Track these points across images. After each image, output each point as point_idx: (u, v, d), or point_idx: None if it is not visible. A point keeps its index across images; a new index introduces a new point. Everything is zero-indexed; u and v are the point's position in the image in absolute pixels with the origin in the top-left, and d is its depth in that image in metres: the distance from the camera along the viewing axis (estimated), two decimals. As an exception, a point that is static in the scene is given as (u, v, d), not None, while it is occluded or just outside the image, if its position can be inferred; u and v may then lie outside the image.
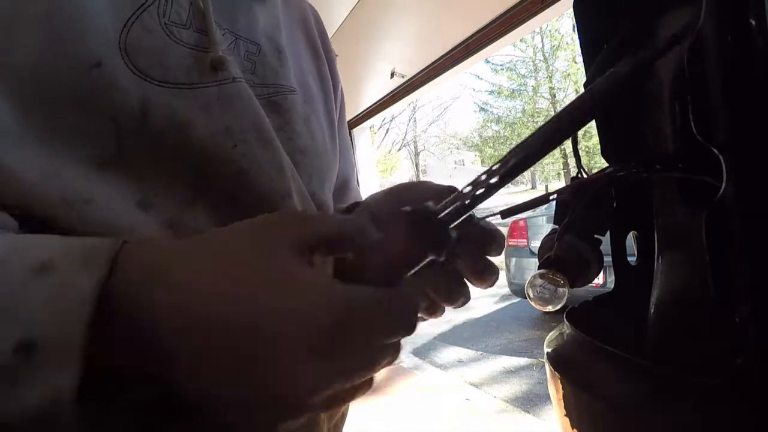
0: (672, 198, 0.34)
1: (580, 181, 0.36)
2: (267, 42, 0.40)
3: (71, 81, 0.27)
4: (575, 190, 0.36)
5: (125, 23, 0.29)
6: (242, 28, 0.38)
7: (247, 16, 0.38)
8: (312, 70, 0.48)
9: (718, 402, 0.25)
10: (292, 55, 0.44)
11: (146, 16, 0.30)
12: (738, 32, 0.24)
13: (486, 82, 18.40)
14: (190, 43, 0.32)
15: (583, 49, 0.40)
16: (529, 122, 17.15)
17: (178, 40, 0.31)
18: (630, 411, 0.28)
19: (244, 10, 0.38)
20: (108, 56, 0.28)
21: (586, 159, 12.21)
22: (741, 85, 0.25)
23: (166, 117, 0.30)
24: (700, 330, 0.31)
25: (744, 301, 0.24)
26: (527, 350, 3.95)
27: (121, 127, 0.28)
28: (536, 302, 0.38)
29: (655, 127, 0.34)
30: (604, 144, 0.40)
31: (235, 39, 0.37)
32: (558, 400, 0.34)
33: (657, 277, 0.36)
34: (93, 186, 0.27)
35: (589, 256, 0.38)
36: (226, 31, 0.36)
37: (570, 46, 15.28)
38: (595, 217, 0.39)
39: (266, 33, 0.40)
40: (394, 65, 2.66)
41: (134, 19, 0.29)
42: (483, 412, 2.67)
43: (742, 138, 0.24)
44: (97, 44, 0.27)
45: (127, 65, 0.29)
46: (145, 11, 0.30)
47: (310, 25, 0.50)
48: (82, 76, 0.27)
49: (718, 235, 0.25)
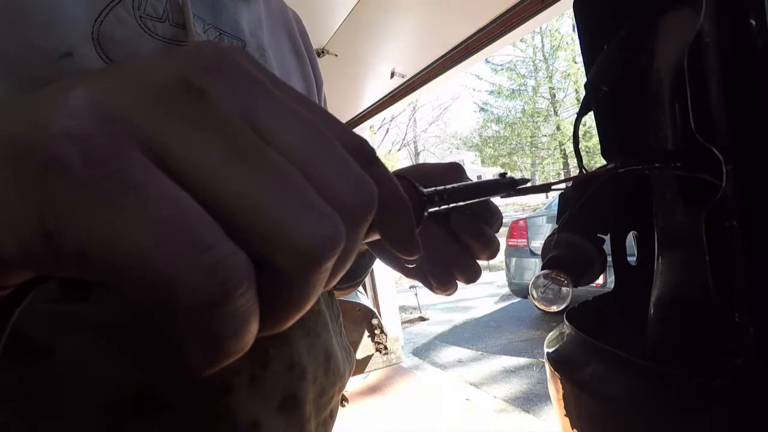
0: (672, 198, 0.34)
1: (583, 175, 0.36)
2: (251, 39, 0.40)
3: (41, 70, 0.27)
4: (579, 184, 0.36)
5: (99, 14, 0.29)
6: (226, 24, 0.38)
7: (232, 13, 0.38)
8: (296, 70, 0.48)
9: (718, 402, 0.25)
10: (276, 55, 0.44)
11: (120, 9, 0.30)
12: (738, 32, 0.24)
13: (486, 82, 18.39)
14: (166, 36, 0.32)
15: (583, 49, 0.40)
16: (529, 122, 17.16)
17: (153, 34, 0.31)
18: (630, 411, 0.28)
19: (229, 8, 0.38)
20: (79, 46, 0.28)
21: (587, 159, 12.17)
22: (741, 85, 0.25)
23: None
24: (700, 330, 0.31)
25: (744, 301, 0.24)
26: (527, 350, 3.95)
27: None
28: (540, 302, 0.38)
29: (655, 127, 0.34)
30: (604, 144, 0.40)
31: (219, 34, 0.37)
32: (558, 400, 0.34)
33: (657, 277, 0.36)
34: None
35: (592, 255, 0.38)
36: (210, 26, 0.36)
37: (570, 46, 15.28)
38: (597, 215, 0.39)
39: (250, 31, 0.40)
40: (394, 65, 2.65)
41: (108, 11, 0.30)
42: (483, 412, 2.67)
43: (742, 138, 0.24)
44: (67, 34, 0.28)
45: (100, 55, 0.29)
46: (120, 3, 0.30)
47: (291, 26, 0.50)
48: (52, 64, 0.27)
49: (718, 235, 0.25)
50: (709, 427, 0.25)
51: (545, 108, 17.08)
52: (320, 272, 0.14)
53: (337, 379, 0.43)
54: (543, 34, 16.33)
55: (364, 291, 3.56)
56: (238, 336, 0.13)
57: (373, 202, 0.16)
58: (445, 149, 23.61)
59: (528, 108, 17.26)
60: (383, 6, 2.10)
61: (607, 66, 0.37)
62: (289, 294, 0.14)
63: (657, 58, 0.34)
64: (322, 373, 0.41)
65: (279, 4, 0.50)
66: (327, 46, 2.44)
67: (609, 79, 0.37)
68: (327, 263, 0.14)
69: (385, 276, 3.66)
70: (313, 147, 0.15)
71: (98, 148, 0.12)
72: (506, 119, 18.03)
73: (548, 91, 16.94)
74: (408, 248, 0.21)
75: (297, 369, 0.37)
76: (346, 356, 0.47)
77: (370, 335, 3.14)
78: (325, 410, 0.42)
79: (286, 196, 0.13)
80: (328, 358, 0.42)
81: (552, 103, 16.79)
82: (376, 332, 3.14)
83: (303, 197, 0.14)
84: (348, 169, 0.15)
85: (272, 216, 0.13)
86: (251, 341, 0.14)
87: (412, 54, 2.55)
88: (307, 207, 0.14)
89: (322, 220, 0.14)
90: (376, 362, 3.24)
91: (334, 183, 0.15)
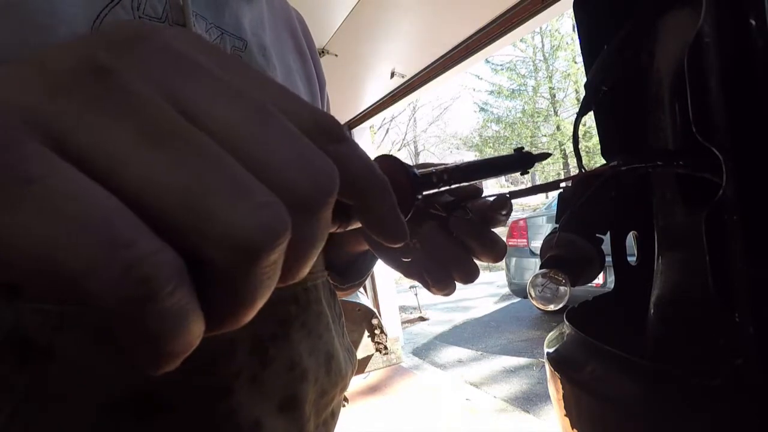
0: (672, 198, 0.34)
1: (584, 174, 0.36)
2: (253, 39, 0.40)
3: None
4: (580, 182, 0.36)
5: (98, 15, 0.29)
6: (228, 23, 0.38)
7: (234, 13, 0.38)
8: (299, 70, 0.48)
9: (718, 402, 0.25)
10: (279, 55, 0.44)
11: (119, 9, 0.30)
12: (738, 32, 0.24)
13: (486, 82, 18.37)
14: None
15: (583, 49, 0.40)
16: (529, 122, 17.15)
17: None
18: (630, 411, 0.28)
19: (231, 6, 0.38)
20: None
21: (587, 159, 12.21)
22: (741, 85, 0.25)
23: None
24: (700, 330, 0.31)
25: (744, 301, 0.24)
26: (527, 350, 3.95)
27: None
28: (538, 302, 0.38)
29: (655, 127, 0.34)
30: (604, 144, 0.40)
31: (221, 33, 0.37)
32: (558, 400, 0.34)
33: (657, 277, 0.36)
34: None
35: (590, 255, 0.38)
36: (212, 25, 0.36)
37: (570, 46, 15.27)
38: (597, 214, 0.39)
39: (252, 30, 0.40)
40: (394, 65, 2.65)
41: (107, 11, 0.29)
42: (483, 412, 2.67)
43: (743, 138, 0.24)
44: (66, 35, 0.27)
45: None
46: (119, 4, 0.30)
47: (294, 25, 0.50)
48: None
49: (718, 235, 0.25)
50: (709, 427, 0.25)
51: (545, 108, 17.08)
52: (263, 266, 0.13)
53: (339, 379, 0.43)
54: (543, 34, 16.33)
55: (364, 291, 3.56)
56: (175, 337, 0.12)
57: (331, 184, 0.14)
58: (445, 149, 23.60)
59: (528, 108, 17.25)
60: (383, 6, 2.10)
61: (607, 66, 0.37)
62: (232, 291, 0.13)
63: (657, 58, 0.34)
64: (323, 374, 0.40)
65: (282, 3, 0.50)
66: (327, 46, 2.44)
67: (609, 79, 0.37)
68: (269, 256, 0.12)
69: (385, 276, 3.66)
70: (252, 128, 0.13)
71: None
72: (506, 119, 18.02)
73: (548, 91, 16.93)
74: (391, 234, 0.19)
75: (297, 369, 0.37)
76: (348, 357, 0.47)
77: (370, 335, 3.14)
78: (325, 411, 0.42)
79: (214, 183, 0.12)
80: (329, 359, 0.42)
81: (552, 103, 16.78)
82: (376, 332, 3.15)
83: (233, 183, 0.12)
84: (297, 150, 0.14)
85: (197, 205, 0.12)
86: (196, 341, 0.13)
87: (412, 54, 2.55)
88: (239, 193, 0.12)
89: (259, 208, 0.12)
90: (376, 362, 3.24)
91: (278, 166, 0.13)
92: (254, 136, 0.13)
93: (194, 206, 0.12)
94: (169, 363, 0.12)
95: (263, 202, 0.12)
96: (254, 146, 0.13)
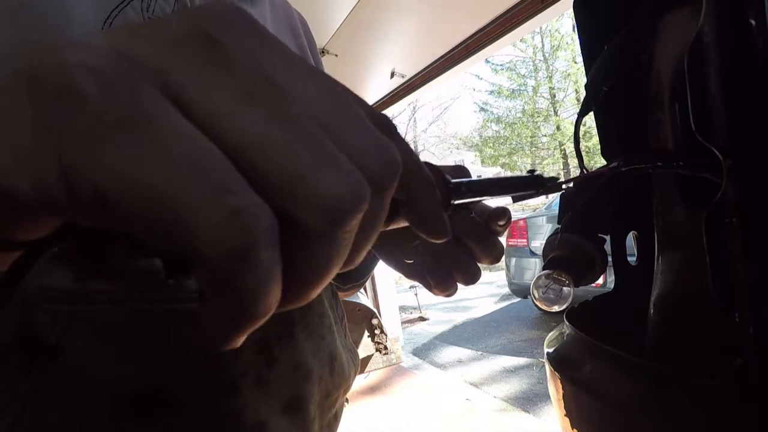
0: (672, 198, 0.34)
1: (585, 175, 0.36)
2: None
3: None
4: (581, 183, 0.36)
5: (108, 16, 0.29)
6: None
7: None
8: None
9: (718, 402, 0.25)
10: None
11: (129, 10, 0.30)
12: (738, 32, 0.24)
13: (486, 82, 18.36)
14: None
15: (583, 49, 0.40)
16: (529, 122, 17.14)
17: None
18: (630, 411, 0.28)
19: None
20: None
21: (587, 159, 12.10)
22: (741, 85, 0.25)
23: None
24: (700, 330, 0.31)
25: (744, 301, 0.24)
26: (527, 350, 3.95)
27: None
28: (542, 303, 0.38)
29: (655, 127, 0.34)
30: (604, 144, 0.40)
31: None
32: (558, 400, 0.34)
33: (657, 277, 0.36)
34: None
35: (593, 255, 0.38)
36: None
37: (570, 46, 15.27)
38: (598, 215, 0.39)
39: None
40: (394, 65, 2.65)
41: (117, 12, 0.29)
42: (483, 412, 2.67)
43: (742, 138, 0.24)
44: (77, 36, 0.27)
45: None
46: (129, 5, 0.30)
47: (296, 26, 0.50)
48: None
49: (718, 236, 0.25)
50: (709, 427, 0.25)
51: (545, 108, 17.07)
52: (345, 230, 0.13)
53: (342, 380, 0.43)
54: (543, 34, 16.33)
55: (365, 291, 3.56)
56: (263, 295, 0.12)
57: (397, 168, 0.15)
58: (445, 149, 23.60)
59: (528, 108, 17.25)
60: (383, 6, 2.10)
61: (607, 66, 0.37)
62: (312, 254, 0.13)
63: (657, 58, 0.34)
64: (327, 375, 0.40)
65: (284, 4, 0.50)
66: (327, 46, 2.44)
67: (609, 80, 0.37)
68: (352, 220, 0.13)
69: (385, 276, 3.66)
70: (334, 106, 0.14)
71: (114, 80, 0.12)
72: (506, 119, 18.01)
73: (548, 91, 16.92)
74: (436, 229, 0.19)
75: (302, 370, 0.37)
76: (351, 358, 0.47)
77: (370, 335, 3.14)
78: (329, 412, 0.42)
79: (308, 147, 0.13)
80: (332, 359, 0.42)
81: (552, 103, 16.77)
82: (376, 332, 3.14)
83: (324, 149, 0.13)
84: (370, 131, 0.14)
85: (292, 166, 0.12)
86: (273, 307, 0.13)
87: (412, 54, 2.55)
88: (329, 160, 0.13)
89: (347, 174, 0.13)
90: (376, 362, 3.24)
91: (356, 142, 0.14)
92: (335, 113, 0.14)
93: (289, 165, 0.12)
94: (241, 332, 0.13)
95: (349, 170, 0.13)
96: (336, 122, 0.14)
